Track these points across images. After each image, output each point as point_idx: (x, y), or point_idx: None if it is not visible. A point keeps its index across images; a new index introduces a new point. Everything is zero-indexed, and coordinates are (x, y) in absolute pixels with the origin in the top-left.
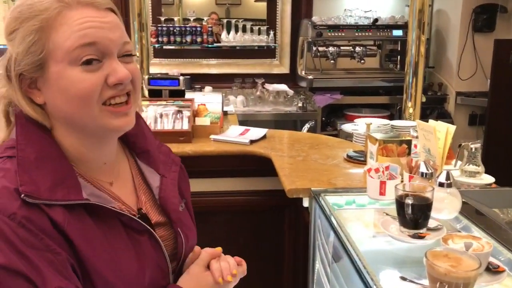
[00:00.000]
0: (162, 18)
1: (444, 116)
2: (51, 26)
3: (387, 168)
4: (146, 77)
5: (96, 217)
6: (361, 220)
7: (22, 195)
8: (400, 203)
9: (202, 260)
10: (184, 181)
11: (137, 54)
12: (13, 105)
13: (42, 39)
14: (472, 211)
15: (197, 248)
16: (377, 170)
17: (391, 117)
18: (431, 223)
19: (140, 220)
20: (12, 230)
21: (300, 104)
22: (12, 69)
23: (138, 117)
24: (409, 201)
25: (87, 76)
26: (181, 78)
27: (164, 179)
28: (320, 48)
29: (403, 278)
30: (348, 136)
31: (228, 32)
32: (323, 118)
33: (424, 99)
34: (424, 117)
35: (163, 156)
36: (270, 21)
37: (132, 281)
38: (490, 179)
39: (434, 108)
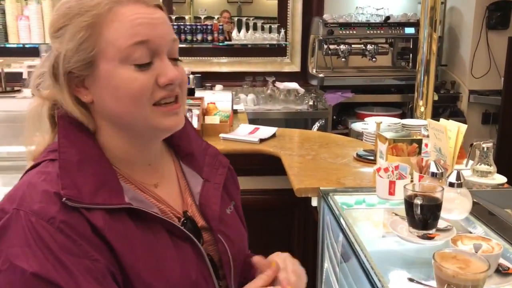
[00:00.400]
0: (173, 17)
1: (456, 114)
2: (102, 22)
3: (396, 167)
4: None
5: (138, 221)
6: (370, 220)
7: (64, 198)
8: (409, 203)
9: (267, 276)
10: (233, 182)
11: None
12: (57, 107)
13: (93, 36)
14: (483, 212)
15: (257, 259)
16: (386, 170)
17: (403, 116)
18: (441, 224)
19: (182, 227)
20: (50, 235)
21: (311, 103)
22: (60, 67)
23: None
24: (418, 201)
25: (139, 75)
26: (191, 76)
27: (207, 184)
28: (331, 46)
29: (411, 280)
30: (359, 135)
31: (239, 30)
32: (334, 117)
33: (436, 98)
34: (437, 115)
35: (209, 159)
36: (281, 19)
37: (178, 286)
38: (502, 179)
39: (446, 107)
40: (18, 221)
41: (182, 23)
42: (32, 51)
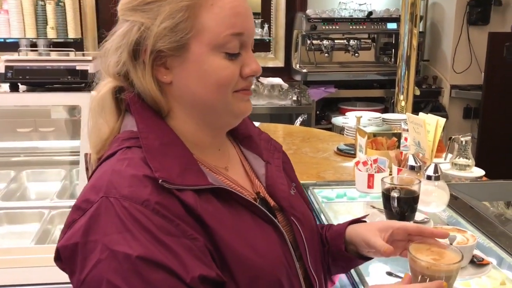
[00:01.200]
0: None
1: (438, 109)
2: (201, 5)
3: (375, 161)
4: None
5: (223, 201)
6: (351, 213)
7: (160, 180)
8: (386, 196)
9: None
10: (289, 165)
11: None
12: (123, 91)
13: (192, 18)
14: (461, 204)
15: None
16: (365, 163)
17: (385, 111)
18: (419, 216)
19: (261, 207)
20: (147, 217)
21: (294, 98)
22: (148, 44)
23: None
24: (395, 194)
25: (228, 64)
26: None
27: (269, 166)
28: (315, 42)
29: (389, 273)
30: (342, 130)
31: None
32: (318, 112)
33: (418, 92)
34: (419, 110)
35: (264, 143)
36: (265, 15)
37: (269, 260)
38: (480, 172)
39: (428, 101)
40: (109, 209)
41: None
42: (11, 46)
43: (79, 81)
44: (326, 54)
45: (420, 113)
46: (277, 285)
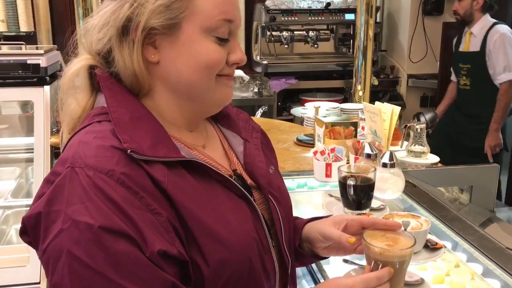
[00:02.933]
0: None
1: (396, 98)
2: None
3: (332, 150)
4: None
5: (196, 175)
6: (311, 203)
7: (128, 151)
8: (343, 184)
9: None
10: (268, 146)
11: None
12: (95, 68)
13: None
14: (416, 191)
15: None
16: (323, 153)
17: (345, 101)
18: (375, 203)
19: (236, 183)
20: (111, 187)
21: (256, 90)
22: (141, 20)
23: None
24: (351, 182)
25: (218, 48)
26: None
27: (248, 144)
28: (274, 33)
29: (346, 261)
30: (303, 121)
31: None
32: (279, 103)
33: (376, 82)
34: (377, 100)
35: (242, 123)
36: None
37: (240, 235)
38: (435, 158)
39: (386, 91)
40: (73, 179)
41: None
42: None
43: (31, 75)
44: (286, 46)
45: (376, 102)
46: (247, 261)
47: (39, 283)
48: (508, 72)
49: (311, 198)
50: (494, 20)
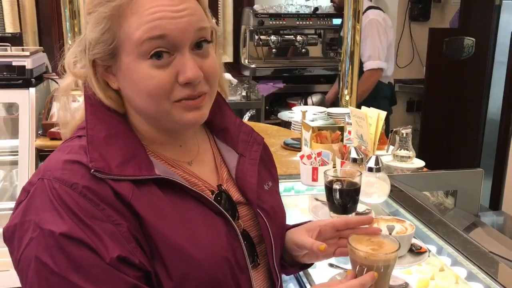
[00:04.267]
0: None
1: None
2: (122, 14)
3: (319, 154)
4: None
5: (169, 193)
6: (298, 206)
7: (92, 170)
8: (329, 188)
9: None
10: (270, 161)
11: (69, 42)
12: (87, 86)
13: (114, 27)
14: (402, 195)
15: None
16: (309, 157)
17: (333, 105)
18: (361, 208)
19: (211, 199)
20: (73, 199)
21: (244, 93)
22: (86, 54)
23: (217, 94)
24: (337, 186)
25: (156, 72)
26: None
27: (242, 159)
28: (262, 37)
29: (331, 265)
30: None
31: None
32: (267, 107)
33: None
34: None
35: (243, 135)
36: (212, 9)
37: (209, 254)
38: (421, 163)
39: None
40: (43, 190)
41: None
42: None
43: (16, 77)
44: (274, 50)
45: (362, 107)
46: (214, 280)
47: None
48: (372, 61)
49: (298, 202)
50: (370, 4)
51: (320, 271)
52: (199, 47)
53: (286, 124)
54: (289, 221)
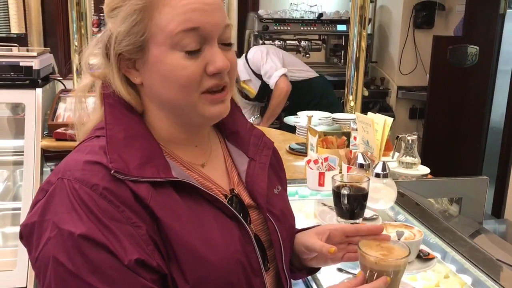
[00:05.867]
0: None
1: (385, 109)
2: (154, 6)
3: (326, 159)
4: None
5: (185, 195)
6: (302, 211)
7: (112, 171)
8: (336, 193)
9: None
10: (279, 164)
11: (76, 43)
12: (104, 86)
13: (145, 20)
14: (407, 201)
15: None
16: (316, 162)
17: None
18: (367, 213)
19: (226, 203)
20: (94, 200)
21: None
22: (111, 48)
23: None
24: (345, 191)
25: (188, 63)
26: None
27: (253, 163)
28: (267, 42)
29: (340, 270)
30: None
31: None
32: None
33: (366, 93)
34: (367, 110)
35: (254, 139)
36: None
37: (223, 257)
38: (426, 170)
39: (376, 102)
40: (62, 189)
41: None
42: None
43: (23, 77)
44: None
45: (369, 113)
46: (228, 283)
47: (25, 287)
48: (273, 74)
49: (303, 207)
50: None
51: (329, 275)
52: (226, 44)
53: (287, 128)
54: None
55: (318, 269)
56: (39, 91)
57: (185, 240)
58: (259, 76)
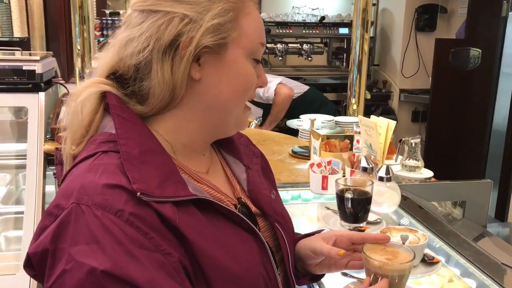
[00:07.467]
0: (107, 11)
1: (388, 112)
2: (242, 10)
3: (329, 163)
4: (88, 71)
5: (204, 211)
6: (305, 214)
7: (138, 193)
8: (340, 197)
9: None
10: (268, 171)
11: (78, 47)
12: (107, 93)
13: (235, 20)
14: (411, 205)
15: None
16: (319, 165)
17: (338, 114)
18: (371, 217)
19: (242, 216)
20: (120, 228)
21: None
22: (194, 37)
23: None
24: (349, 195)
25: (253, 71)
26: None
27: (250, 171)
28: (269, 45)
29: (345, 274)
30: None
31: None
32: None
33: (369, 96)
34: (369, 113)
35: (243, 148)
36: None
37: (249, 270)
38: (429, 173)
39: (378, 105)
40: (80, 217)
41: (116, 18)
42: None
43: (26, 81)
44: (280, 58)
45: (372, 116)
46: None
47: None
48: (272, 84)
49: (306, 210)
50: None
51: (333, 280)
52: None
53: (286, 131)
54: (297, 229)
55: (321, 277)
56: (42, 95)
57: (213, 258)
58: (258, 104)
